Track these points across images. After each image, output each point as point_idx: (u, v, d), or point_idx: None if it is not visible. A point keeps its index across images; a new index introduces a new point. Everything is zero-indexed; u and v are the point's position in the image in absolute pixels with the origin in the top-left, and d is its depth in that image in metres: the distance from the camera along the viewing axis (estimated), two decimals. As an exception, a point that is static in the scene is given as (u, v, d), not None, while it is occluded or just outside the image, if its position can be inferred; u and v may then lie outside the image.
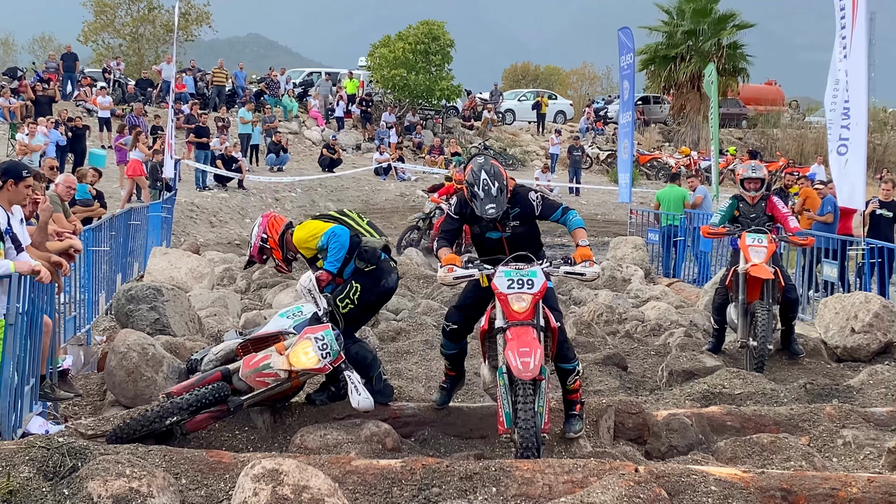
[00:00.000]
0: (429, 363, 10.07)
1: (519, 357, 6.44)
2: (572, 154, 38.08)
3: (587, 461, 6.03)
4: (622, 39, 25.00)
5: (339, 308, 7.51)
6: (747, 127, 50.33)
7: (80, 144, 27.68)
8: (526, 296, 6.66)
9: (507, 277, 6.72)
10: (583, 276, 6.95)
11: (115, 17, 53.42)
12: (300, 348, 6.93)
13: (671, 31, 46.31)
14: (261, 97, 39.08)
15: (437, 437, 7.51)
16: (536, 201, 7.19)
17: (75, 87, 36.15)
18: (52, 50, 49.57)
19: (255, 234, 7.79)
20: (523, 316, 6.63)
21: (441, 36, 42.08)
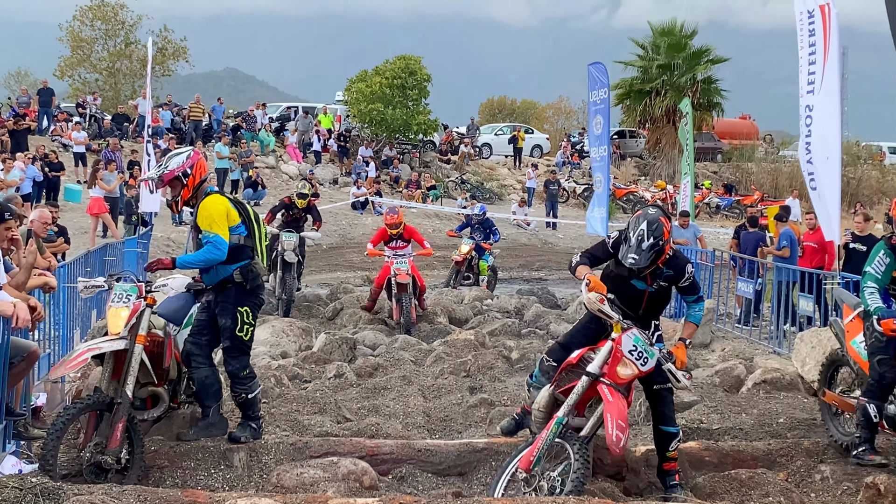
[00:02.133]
0: (406, 399, 10.03)
1: (616, 428, 6.49)
2: (549, 188, 38.18)
3: (566, 499, 6.01)
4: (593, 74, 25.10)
5: (244, 340, 7.67)
6: (722, 161, 50.66)
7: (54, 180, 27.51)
8: (635, 367, 6.77)
9: (634, 343, 6.80)
10: (678, 382, 7.01)
11: (91, 52, 53.37)
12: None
13: (646, 65, 46.63)
14: (238, 132, 39.05)
15: (415, 474, 7.48)
16: (688, 275, 7.19)
17: (51, 122, 36.02)
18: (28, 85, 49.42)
19: (179, 161, 7.61)
20: (621, 382, 6.75)
21: (418, 70, 42.20)
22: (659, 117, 45.77)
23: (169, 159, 7.62)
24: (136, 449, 7.06)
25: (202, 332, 7.68)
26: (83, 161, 31.90)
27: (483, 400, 9.98)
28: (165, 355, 7.55)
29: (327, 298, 18.56)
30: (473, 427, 9.12)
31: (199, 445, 7.45)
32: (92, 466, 6.87)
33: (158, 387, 7.49)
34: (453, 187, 41.13)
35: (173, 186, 7.59)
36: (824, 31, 13.49)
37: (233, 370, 7.69)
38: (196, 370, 7.59)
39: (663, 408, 7.19)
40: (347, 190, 37.05)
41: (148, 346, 7.31)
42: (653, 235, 6.85)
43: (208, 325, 7.67)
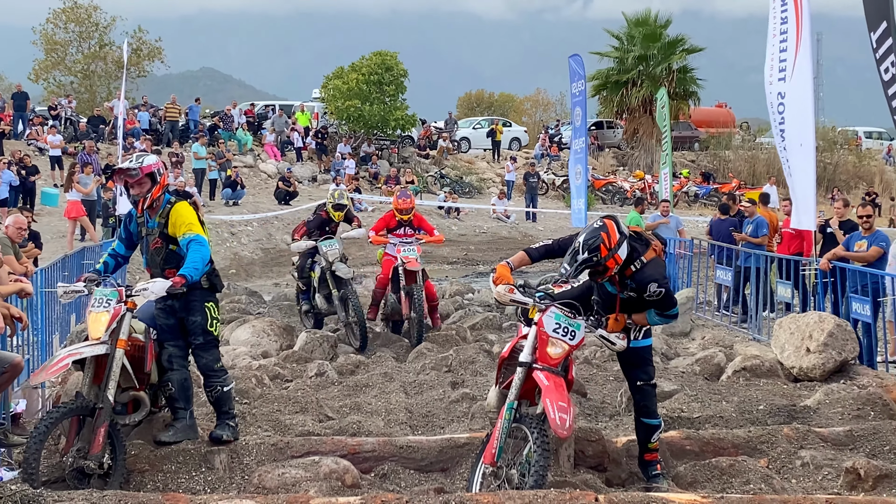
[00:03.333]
0: (388, 396, 10.01)
1: (558, 411, 6.42)
2: (528, 180, 38.27)
3: (547, 492, 6.00)
4: (573, 66, 25.17)
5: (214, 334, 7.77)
6: (700, 149, 50.83)
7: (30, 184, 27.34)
8: (564, 344, 6.71)
9: (556, 321, 6.75)
10: (613, 345, 6.94)
11: (66, 55, 53.04)
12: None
13: (622, 56, 46.76)
14: (215, 131, 38.91)
15: (397, 471, 7.47)
16: (651, 293, 6.82)
17: (26, 126, 35.79)
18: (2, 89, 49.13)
19: (153, 160, 7.62)
20: (554, 362, 6.69)
21: (394, 66, 42.15)
22: (636, 107, 45.94)
23: (142, 155, 7.65)
24: (119, 454, 7.04)
25: (178, 336, 7.68)
26: (59, 164, 31.73)
27: (465, 395, 9.97)
28: (147, 360, 7.54)
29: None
30: (456, 422, 9.10)
31: (179, 448, 7.42)
32: (74, 472, 6.84)
33: (140, 391, 7.46)
34: (432, 182, 41.13)
35: (143, 184, 7.53)
36: (797, 17, 13.53)
37: (206, 363, 7.72)
38: (176, 372, 7.60)
39: (646, 401, 7.19)
40: (326, 187, 36.94)
41: (129, 350, 7.29)
42: (588, 250, 6.65)
43: (178, 328, 7.68)
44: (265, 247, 30.71)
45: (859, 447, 7.75)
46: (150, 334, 7.64)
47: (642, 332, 7.18)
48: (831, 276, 12.93)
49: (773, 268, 14.79)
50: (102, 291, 7.31)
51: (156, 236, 7.62)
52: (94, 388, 7.07)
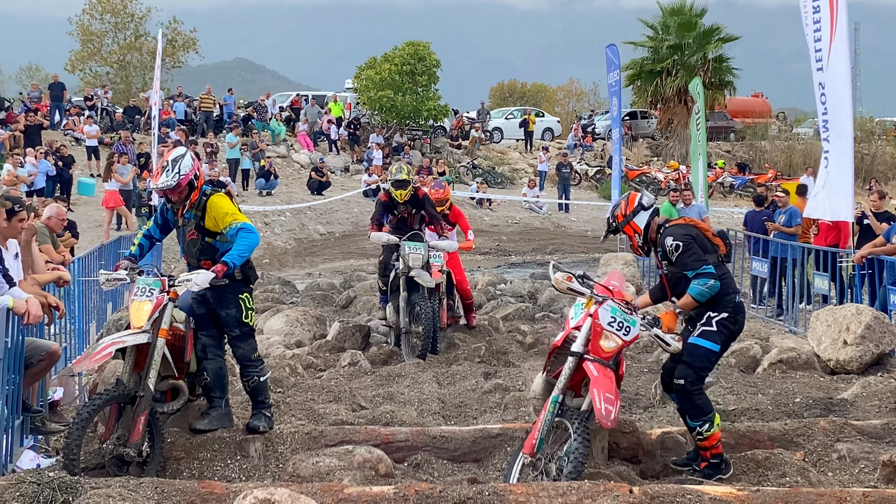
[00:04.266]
0: (420, 386, 10.02)
1: (604, 402, 6.47)
2: (561, 171, 38.14)
3: (581, 483, 6.00)
4: (609, 56, 25.09)
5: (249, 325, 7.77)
6: (735, 140, 50.44)
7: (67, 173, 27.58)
8: (618, 339, 6.75)
9: (612, 314, 6.80)
10: (668, 345, 6.96)
11: (101, 46, 53.49)
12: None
13: (656, 45, 46.40)
14: (249, 122, 39.08)
15: (430, 461, 7.48)
16: (668, 248, 7.04)
17: (63, 117, 36.10)
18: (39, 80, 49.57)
19: (188, 164, 7.46)
20: (606, 355, 6.72)
21: (427, 56, 42.12)
22: (670, 97, 45.57)
23: (176, 164, 7.46)
24: (157, 442, 7.10)
25: (210, 325, 7.70)
26: (96, 155, 31.99)
27: (498, 385, 9.97)
28: (187, 349, 7.57)
29: (341, 286, 18.58)
30: (488, 413, 9.11)
31: (215, 437, 7.47)
32: (114, 459, 6.90)
33: (179, 380, 7.50)
34: (465, 172, 41.09)
35: (182, 192, 7.51)
36: (830, 7, 13.39)
37: (243, 353, 7.74)
38: (211, 361, 7.62)
39: (680, 402, 7.12)
40: (359, 177, 37.05)
41: (170, 339, 7.32)
42: (610, 215, 7.44)
43: (211, 317, 7.70)
44: (298, 237, 30.84)
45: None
46: (191, 324, 7.68)
47: (700, 330, 7.03)
48: (868, 267, 12.83)
49: (810, 259, 14.67)
50: (146, 281, 7.34)
51: (192, 227, 7.63)
52: (134, 377, 7.11)
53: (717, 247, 7.17)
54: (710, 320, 7.02)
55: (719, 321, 7.01)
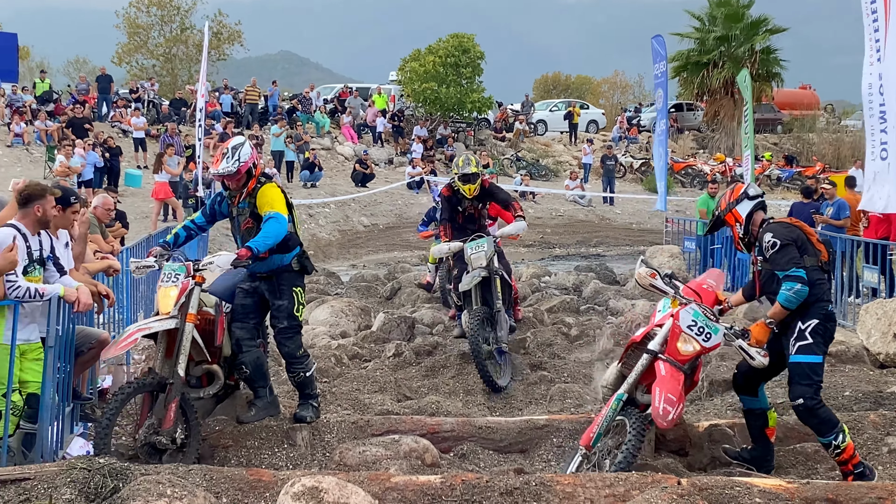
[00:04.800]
0: (466, 377, 10.03)
1: (664, 402, 6.43)
2: (605, 163, 37.94)
3: (629, 475, 5.99)
4: (655, 47, 24.93)
5: (299, 320, 7.78)
6: (782, 132, 49.91)
7: (115, 165, 27.86)
8: (697, 343, 6.64)
9: (694, 318, 6.71)
10: (752, 359, 6.68)
11: (148, 38, 54.01)
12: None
13: (703, 37, 45.94)
14: (293, 114, 39.28)
15: (476, 451, 7.50)
16: (767, 245, 6.79)
17: (110, 109, 36.48)
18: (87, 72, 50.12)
19: (248, 152, 7.56)
20: (682, 358, 6.64)
21: (471, 48, 42.02)
22: (717, 89, 45.13)
23: (236, 151, 7.53)
24: (193, 429, 7.14)
25: (248, 317, 7.72)
26: (142, 146, 32.32)
27: (543, 377, 9.97)
28: (217, 333, 7.59)
29: (385, 278, 18.63)
30: (534, 404, 9.11)
31: (262, 425, 7.54)
32: (146, 447, 6.95)
33: (213, 364, 7.52)
34: (508, 165, 41.02)
35: (240, 179, 7.59)
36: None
37: (290, 351, 7.75)
38: (247, 353, 7.62)
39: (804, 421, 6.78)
40: (403, 170, 37.14)
41: (200, 324, 7.35)
42: (716, 204, 7.25)
43: (254, 309, 7.72)
44: (342, 229, 30.97)
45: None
46: (222, 308, 7.70)
47: (796, 346, 6.68)
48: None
49: (859, 252, 14.48)
50: (171, 266, 7.39)
51: (247, 216, 7.67)
52: (167, 364, 7.16)
53: (818, 252, 6.84)
54: (802, 334, 6.67)
55: (812, 331, 6.67)
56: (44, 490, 5.57)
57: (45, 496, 5.51)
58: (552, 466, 7.26)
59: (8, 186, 11.95)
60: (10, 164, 28.68)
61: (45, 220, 7.10)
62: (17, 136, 30.98)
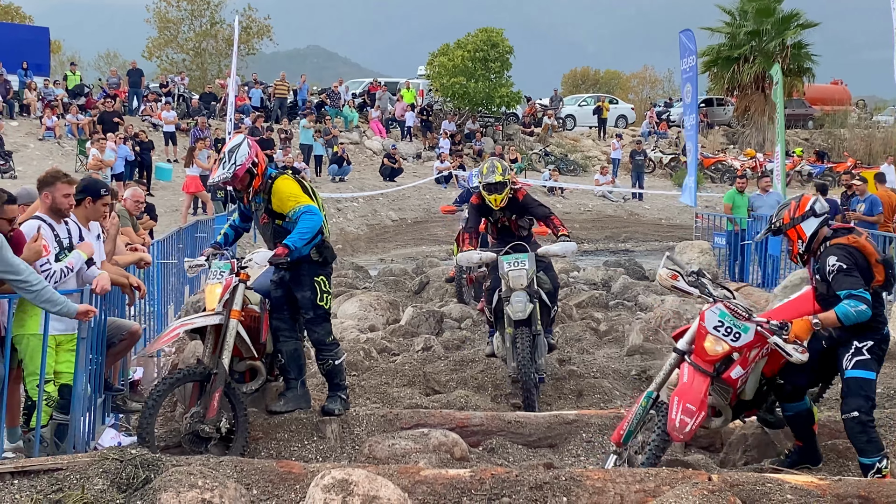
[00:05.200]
0: (494, 371, 10.01)
1: (681, 413, 6.31)
2: (634, 158, 37.76)
3: (659, 470, 5.96)
4: (683, 42, 24.75)
5: (325, 308, 7.73)
6: (814, 127, 49.53)
7: (146, 158, 28.01)
8: (725, 344, 6.47)
9: (720, 318, 6.51)
10: (789, 356, 6.40)
11: (178, 33, 54.31)
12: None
13: (734, 31, 45.66)
14: (322, 108, 39.38)
15: (505, 446, 7.50)
16: (831, 269, 6.49)
17: (141, 103, 36.71)
18: (118, 66, 50.46)
19: (243, 153, 7.41)
20: (709, 359, 6.47)
21: (500, 43, 41.94)
22: (747, 84, 44.85)
23: (232, 154, 7.44)
24: (241, 420, 7.20)
25: (283, 308, 7.74)
26: (173, 140, 32.49)
27: (572, 372, 9.95)
28: (262, 330, 7.64)
29: (413, 272, 18.65)
30: (563, 399, 9.09)
31: (292, 417, 7.56)
32: (190, 435, 7.03)
33: (256, 361, 7.57)
34: (537, 160, 40.95)
35: (243, 180, 7.52)
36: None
37: (318, 338, 7.75)
38: (284, 343, 7.66)
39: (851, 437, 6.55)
40: (431, 164, 37.13)
41: (245, 320, 7.41)
42: (775, 215, 6.87)
43: (285, 300, 7.74)
44: (370, 223, 31.01)
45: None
46: (266, 305, 7.76)
47: (853, 361, 6.51)
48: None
49: (892, 248, 14.36)
50: (217, 264, 7.47)
51: (262, 212, 7.67)
52: (213, 357, 7.22)
53: (874, 276, 6.58)
54: (859, 350, 6.51)
55: (869, 349, 6.50)
56: (76, 480, 5.61)
57: (78, 486, 5.56)
58: (581, 461, 7.25)
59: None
60: (42, 158, 28.91)
61: (56, 208, 7.15)
62: (49, 129, 31.24)
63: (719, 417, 6.75)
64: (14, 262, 6.44)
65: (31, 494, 5.52)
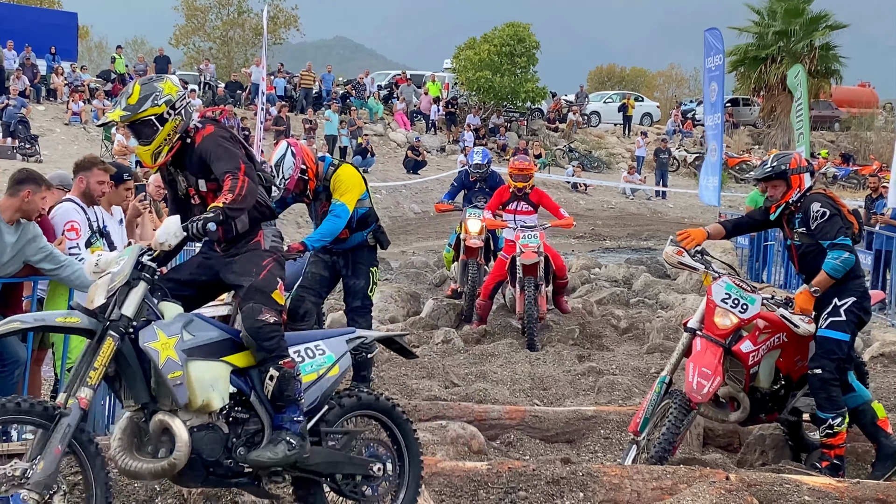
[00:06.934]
0: (513, 366, 10.03)
1: (697, 375, 6.42)
2: (659, 156, 37.71)
3: (676, 468, 5.97)
4: (709, 40, 24.63)
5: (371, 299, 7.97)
6: (840, 130, 49.20)
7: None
8: (733, 316, 6.58)
9: (727, 291, 6.64)
10: (796, 327, 6.60)
11: (205, 21, 54.42)
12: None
13: (762, 31, 45.36)
14: (347, 99, 39.45)
15: (523, 440, 7.51)
16: (815, 214, 6.69)
17: (167, 90, 36.80)
18: (145, 53, 50.65)
19: (290, 164, 7.51)
20: (720, 332, 6.59)
21: (526, 38, 41.94)
22: (774, 85, 44.48)
23: (279, 168, 7.53)
24: None
25: (317, 287, 7.77)
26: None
27: (591, 368, 9.95)
28: None
29: (434, 265, 18.66)
30: (581, 395, 9.09)
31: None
32: None
33: None
34: (561, 156, 40.91)
35: (299, 185, 7.64)
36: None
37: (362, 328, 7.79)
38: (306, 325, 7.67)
39: (813, 392, 6.73)
40: (454, 157, 37.13)
41: None
42: (779, 161, 6.90)
43: (326, 282, 7.76)
44: (393, 215, 31.03)
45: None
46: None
47: (828, 321, 6.68)
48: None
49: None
50: None
51: (323, 201, 7.74)
52: None
53: (851, 224, 6.80)
54: (836, 309, 6.68)
55: (847, 309, 6.68)
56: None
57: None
58: (599, 457, 7.25)
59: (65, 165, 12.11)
60: (68, 143, 29.12)
61: (89, 193, 7.21)
62: (75, 114, 31.46)
63: (737, 411, 6.79)
64: (48, 246, 6.58)
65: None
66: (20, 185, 6.49)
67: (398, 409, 5.39)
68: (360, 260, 7.66)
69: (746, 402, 6.76)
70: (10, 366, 6.70)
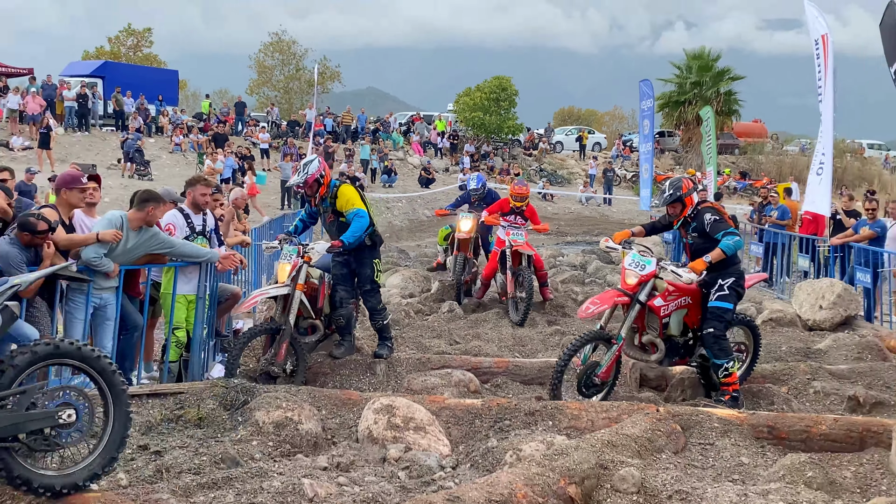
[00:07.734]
0: (500, 329, 10.00)
1: (590, 303, 6.67)
2: (606, 175, 37.69)
3: (620, 403, 5.97)
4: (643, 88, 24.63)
5: (378, 282, 7.76)
6: (739, 154, 49.04)
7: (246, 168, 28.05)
8: (636, 274, 6.71)
9: (632, 258, 6.81)
10: (679, 277, 6.64)
11: (272, 76, 54.38)
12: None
13: (681, 81, 45.25)
14: (376, 133, 39.37)
15: (507, 383, 7.49)
16: (709, 221, 6.77)
17: (244, 127, 36.80)
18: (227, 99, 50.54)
19: (314, 167, 7.43)
20: (630, 287, 6.71)
21: (508, 87, 42.03)
22: (691, 121, 44.33)
23: (305, 167, 7.49)
24: (301, 362, 7.19)
25: (348, 282, 7.76)
26: (267, 155, 32.54)
27: (557, 330, 9.93)
28: (319, 298, 7.60)
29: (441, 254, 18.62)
30: (550, 350, 9.08)
31: (351, 359, 7.59)
32: (264, 375, 7.00)
33: (316, 320, 7.55)
34: (534, 174, 40.80)
35: (312, 186, 7.53)
36: (825, 54, 12.97)
37: (372, 305, 7.77)
38: (345, 309, 7.62)
39: (708, 346, 6.77)
40: (456, 175, 37.08)
41: (307, 291, 7.37)
42: (673, 188, 6.92)
43: (348, 276, 7.74)
44: (410, 218, 31.02)
45: (858, 381, 7.45)
46: (325, 279, 7.75)
47: (716, 296, 6.77)
48: (840, 251, 12.46)
49: (794, 244, 14.25)
50: (287, 248, 7.44)
51: (329, 212, 7.69)
52: (283, 316, 7.23)
53: (731, 224, 6.92)
54: (721, 287, 6.77)
55: (729, 286, 6.77)
56: (193, 401, 5.68)
57: (195, 405, 5.63)
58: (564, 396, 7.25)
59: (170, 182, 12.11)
60: (171, 166, 29.10)
61: (194, 203, 7.24)
62: (177, 145, 31.42)
63: (656, 353, 6.82)
64: (165, 237, 6.69)
65: (160, 411, 5.59)
66: (145, 203, 6.50)
67: (86, 349, 4.14)
68: (363, 255, 7.61)
69: (662, 346, 6.79)
70: (131, 329, 6.72)
